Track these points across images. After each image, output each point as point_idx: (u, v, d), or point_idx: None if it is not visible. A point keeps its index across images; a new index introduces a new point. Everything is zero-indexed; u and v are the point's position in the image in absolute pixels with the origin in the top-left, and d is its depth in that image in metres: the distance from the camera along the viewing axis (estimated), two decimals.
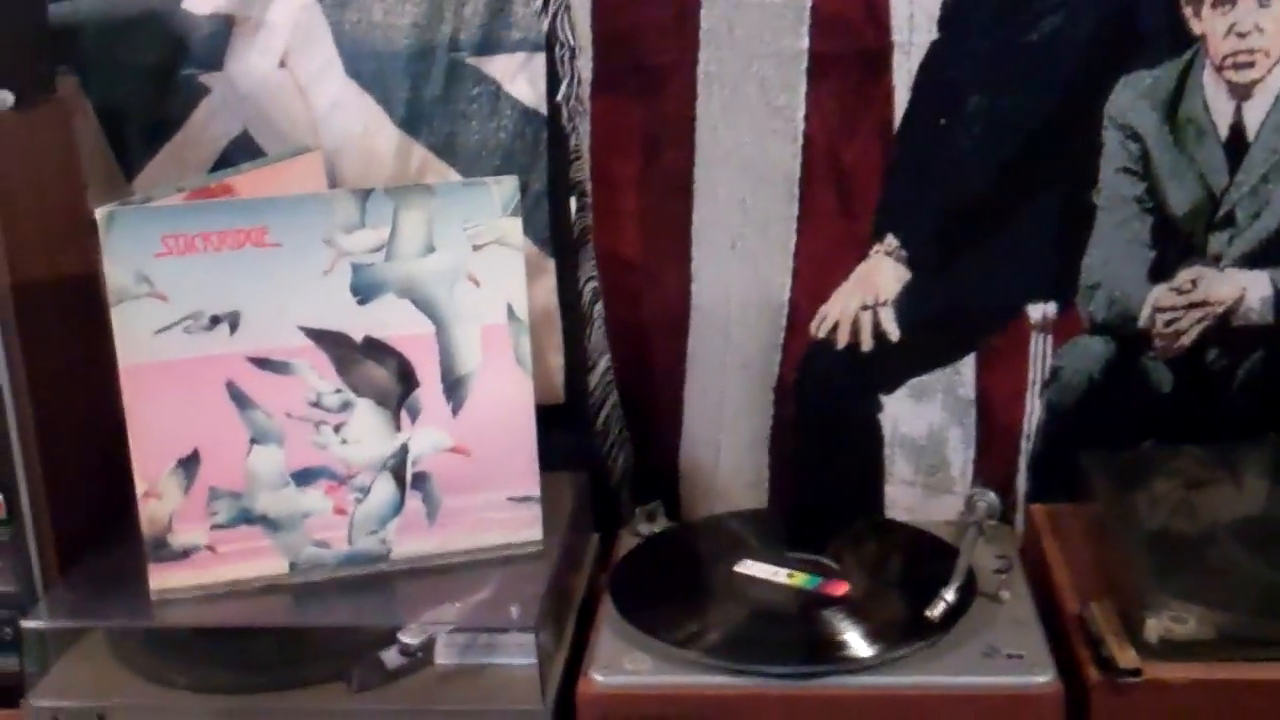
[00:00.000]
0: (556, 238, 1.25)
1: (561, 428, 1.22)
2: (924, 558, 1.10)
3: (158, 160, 1.26)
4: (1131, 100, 1.15)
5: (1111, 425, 1.22)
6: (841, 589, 1.05)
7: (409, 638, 1.01)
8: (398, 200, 1.01)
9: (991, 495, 1.12)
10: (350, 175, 1.25)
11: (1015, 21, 1.15)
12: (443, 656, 1.02)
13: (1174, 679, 0.93)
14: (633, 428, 1.30)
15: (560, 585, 1.07)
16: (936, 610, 0.99)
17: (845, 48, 1.17)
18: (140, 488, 1.02)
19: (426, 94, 1.22)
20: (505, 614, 1.02)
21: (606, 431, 1.30)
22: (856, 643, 0.98)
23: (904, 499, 1.26)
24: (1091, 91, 1.15)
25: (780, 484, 1.28)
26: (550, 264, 1.25)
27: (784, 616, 1.03)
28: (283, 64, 1.24)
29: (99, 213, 0.97)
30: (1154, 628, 0.95)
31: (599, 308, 1.27)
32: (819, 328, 1.23)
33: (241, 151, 1.25)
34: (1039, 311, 1.21)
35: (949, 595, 1.00)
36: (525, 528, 1.08)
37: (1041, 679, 0.94)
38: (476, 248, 1.03)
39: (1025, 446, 1.23)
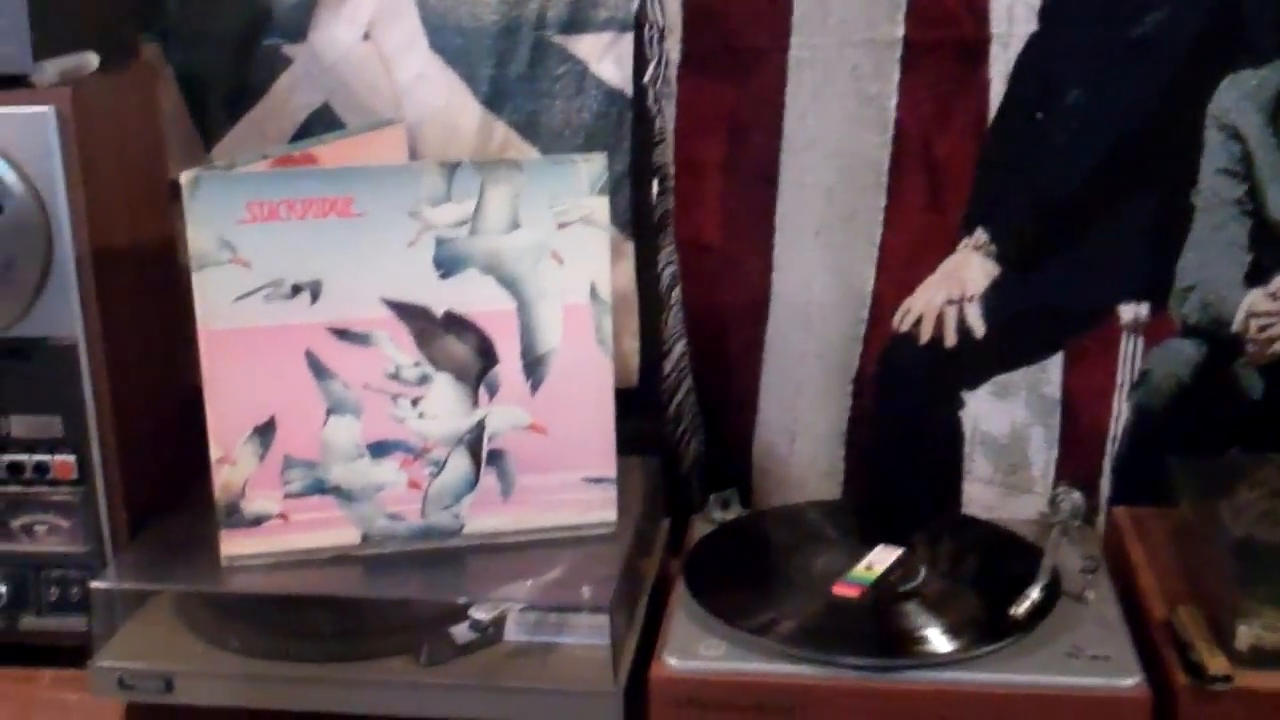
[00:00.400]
0: (637, 221, 1.24)
1: (634, 412, 1.20)
2: (1005, 555, 1.08)
3: (237, 130, 1.26)
4: (1235, 100, 1.12)
5: (1199, 430, 1.19)
6: (922, 584, 1.03)
7: (481, 613, 1.00)
8: (484, 175, 1.00)
9: (1077, 495, 1.09)
10: (431, 150, 1.24)
11: (1119, 15, 1.12)
12: (513, 634, 1.01)
13: (1264, 688, 0.91)
14: (706, 414, 1.28)
15: (633, 568, 1.06)
16: (1021, 608, 0.97)
17: (941, 37, 1.15)
18: (215, 453, 1.02)
19: (511, 71, 1.22)
20: (578, 593, 1.01)
21: (679, 417, 1.28)
22: (936, 638, 0.96)
23: (982, 497, 1.24)
24: (1194, 90, 1.13)
25: (855, 477, 1.26)
26: (629, 247, 1.24)
27: (862, 608, 1.01)
28: (367, 36, 1.23)
29: (184, 177, 0.97)
30: (1245, 635, 0.93)
31: (676, 292, 1.26)
32: (902, 321, 1.21)
33: (322, 123, 1.25)
34: (1131, 312, 1.18)
35: (1034, 593, 0.98)
36: (599, 509, 1.07)
37: (1128, 681, 0.92)
38: (562, 225, 1.02)
39: (1110, 448, 1.21)
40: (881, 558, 1.06)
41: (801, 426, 1.25)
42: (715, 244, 1.23)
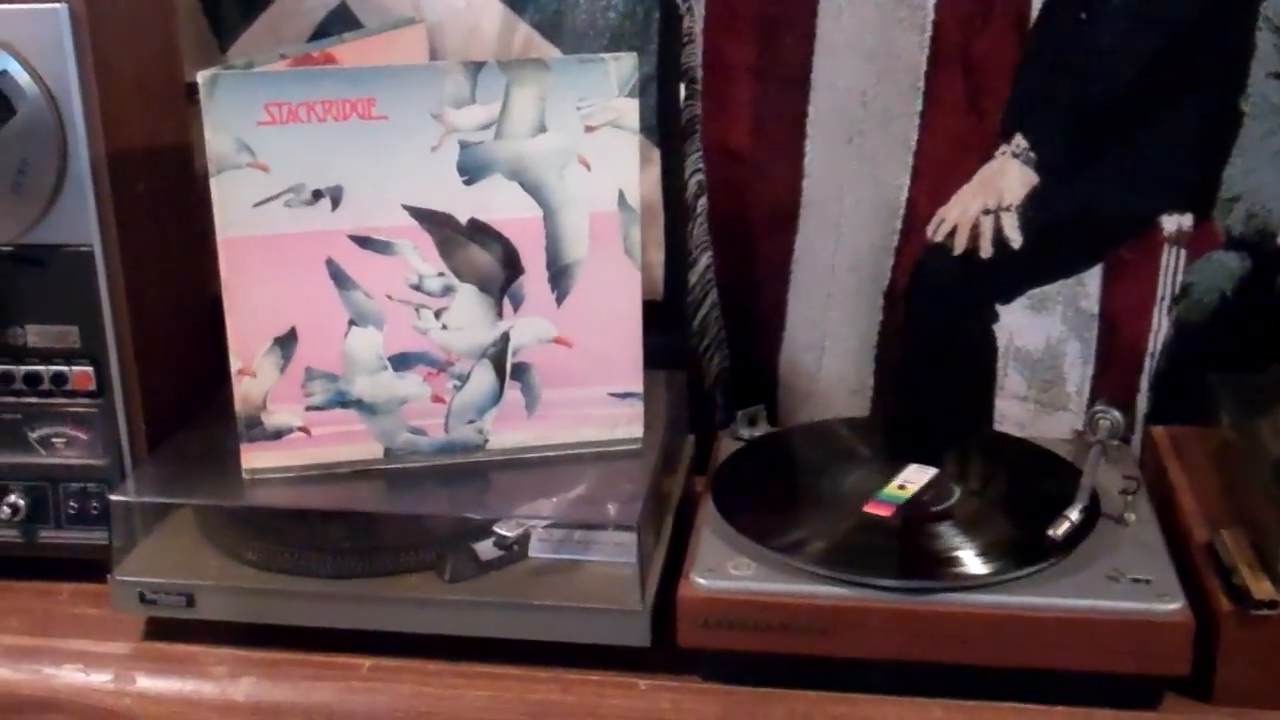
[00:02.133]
0: (663, 126, 1.21)
1: (657, 326, 1.18)
2: (1040, 475, 1.06)
3: (252, 31, 1.24)
4: None
5: (1241, 346, 1.16)
6: (956, 503, 1.01)
7: (505, 530, 0.99)
8: (510, 75, 0.97)
9: (1115, 413, 1.06)
10: (451, 52, 1.21)
11: None
12: (537, 550, 1.00)
13: None
14: (731, 328, 1.26)
15: (659, 485, 1.04)
16: (1060, 530, 0.95)
17: None
18: (235, 364, 1.00)
19: None
20: (604, 510, 1.00)
21: (704, 331, 1.26)
22: (971, 559, 0.94)
23: (1015, 414, 1.22)
24: None
25: (884, 393, 1.24)
26: (655, 154, 1.21)
27: (894, 528, 0.99)
28: None
29: (201, 77, 0.94)
30: None
31: (703, 202, 1.23)
32: (936, 231, 1.18)
33: (339, 23, 1.22)
34: (1174, 223, 1.15)
35: (1073, 514, 0.96)
36: (625, 424, 1.05)
37: (1171, 606, 0.90)
38: (590, 129, 0.99)
39: (1149, 365, 1.18)
40: (914, 477, 1.04)
41: (830, 341, 1.23)
42: (744, 151, 1.20)
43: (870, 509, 1.00)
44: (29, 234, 1.02)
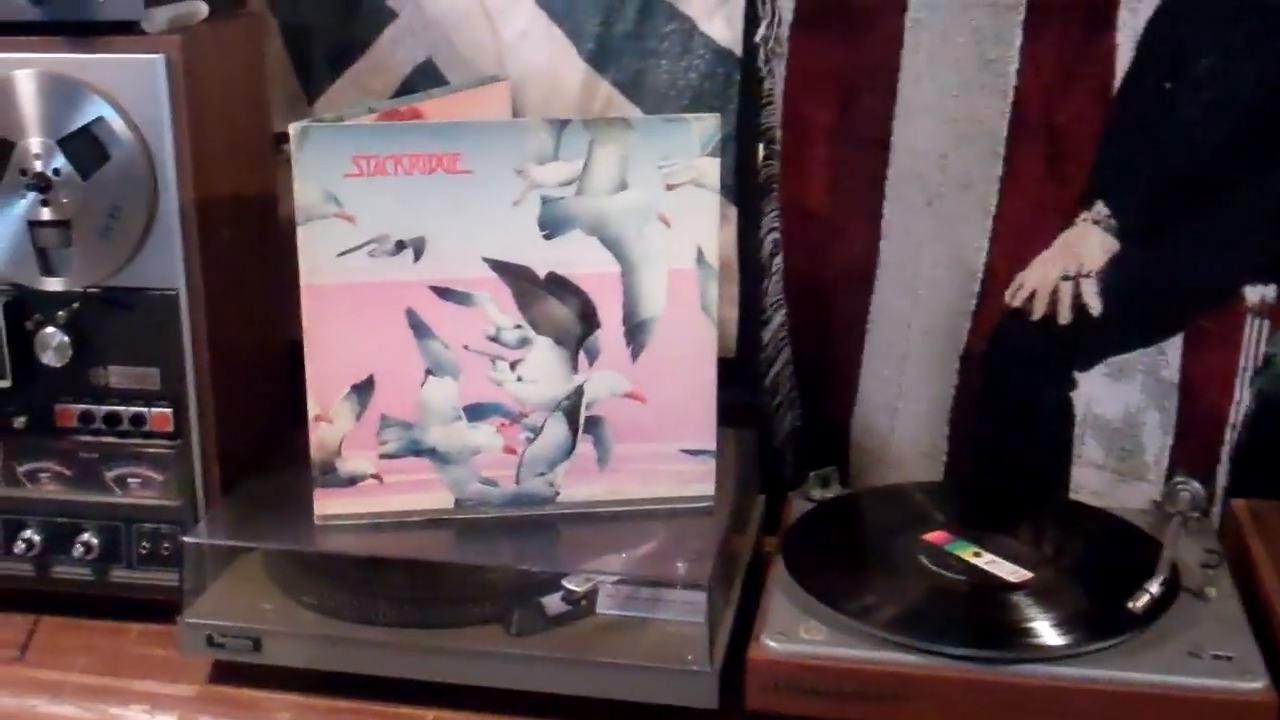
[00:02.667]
0: (740, 185, 1.21)
1: (730, 382, 1.17)
2: (1118, 546, 1.05)
3: (340, 84, 1.25)
4: None
5: None
6: (1032, 572, 0.99)
7: (573, 584, 0.99)
8: (594, 133, 0.98)
9: (1196, 485, 1.04)
10: (533, 109, 1.22)
11: None
12: (605, 607, 1.00)
13: None
14: (804, 388, 1.25)
15: (730, 544, 1.04)
16: (1140, 602, 0.93)
17: (1067, 0, 1.10)
18: (312, 410, 1.01)
19: (617, 29, 1.19)
20: (674, 568, 1.00)
21: (776, 389, 1.25)
22: (1047, 630, 0.93)
23: (1091, 483, 1.19)
24: None
25: (958, 458, 1.22)
26: (732, 211, 1.21)
27: (969, 596, 0.98)
28: None
29: (293, 128, 0.95)
30: None
31: (778, 260, 1.22)
32: (1015, 296, 1.17)
33: (425, 79, 1.23)
34: (1257, 294, 1.13)
35: (1153, 587, 0.94)
36: (697, 481, 1.05)
37: (1255, 684, 0.88)
38: (670, 187, 0.99)
39: (1229, 436, 1.16)
40: (989, 543, 1.03)
41: (904, 403, 1.22)
42: (821, 210, 1.20)
43: (943, 575, 0.99)
44: (116, 277, 1.04)
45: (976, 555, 1.01)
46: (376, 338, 0.99)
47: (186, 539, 1.02)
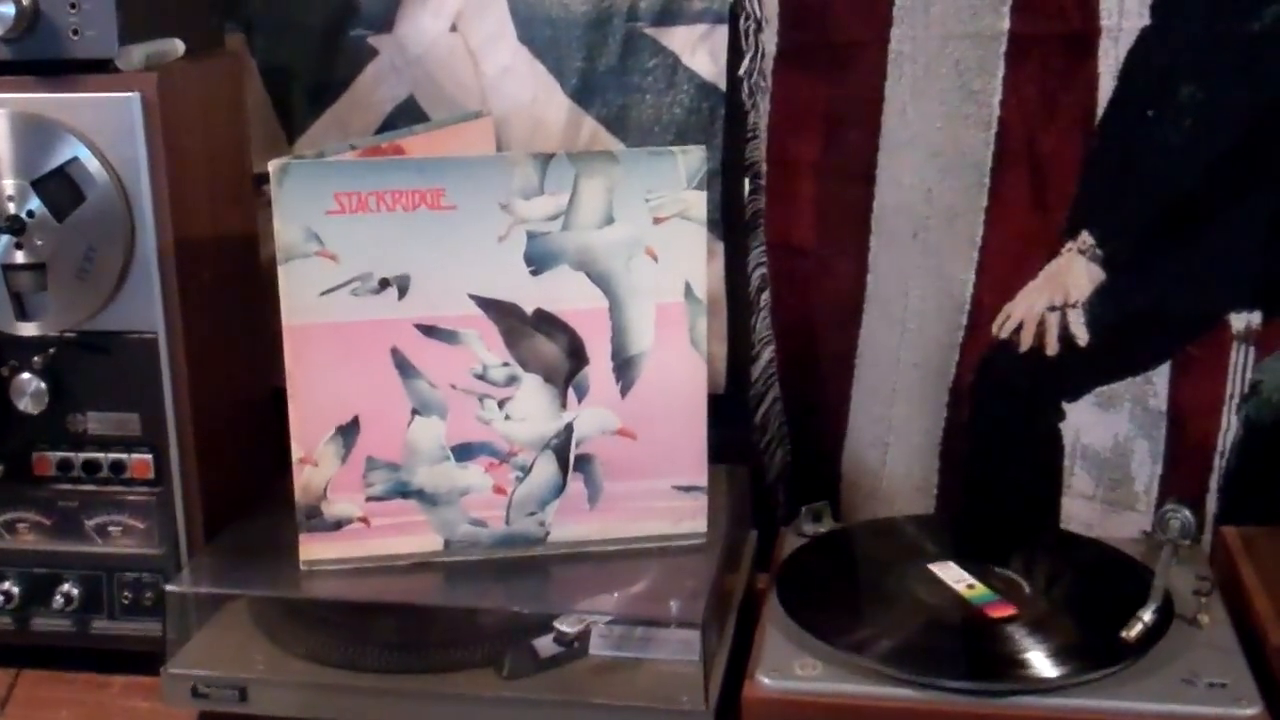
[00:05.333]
0: (727, 220, 1.21)
1: (719, 419, 1.16)
2: (1110, 575, 1.04)
3: (321, 122, 1.24)
4: None
5: None
6: (1025, 604, 0.99)
7: (566, 626, 0.97)
8: (579, 167, 0.97)
9: (1186, 512, 1.03)
10: (516, 144, 1.22)
11: (1235, 9, 1.07)
12: (598, 647, 0.98)
13: None
14: (793, 423, 1.25)
15: (722, 581, 1.02)
16: (1133, 631, 0.93)
17: (1048, 30, 1.10)
18: (296, 453, 0.99)
19: (600, 64, 1.19)
20: (667, 607, 0.98)
21: (766, 426, 1.25)
22: (1041, 661, 0.92)
23: (1081, 513, 1.19)
24: None
25: (949, 490, 1.22)
26: (719, 247, 1.21)
27: (964, 629, 0.97)
28: (454, 28, 1.21)
29: (273, 165, 0.94)
30: None
31: (766, 295, 1.22)
32: (1002, 327, 1.17)
33: (406, 117, 1.23)
34: (1242, 321, 1.13)
35: (1146, 616, 0.94)
36: (689, 518, 1.04)
37: (1250, 711, 0.87)
38: (657, 220, 0.98)
39: (1218, 464, 1.16)
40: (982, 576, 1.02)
41: (894, 437, 1.22)
42: (807, 245, 1.20)
43: (937, 608, 0.98)
44: (93, 320, 1.03)
45: (970, 588, 1.00)
46: (361, 378, 0.98)
47: (169, 587, 1.01)
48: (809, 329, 1.22)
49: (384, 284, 0.97)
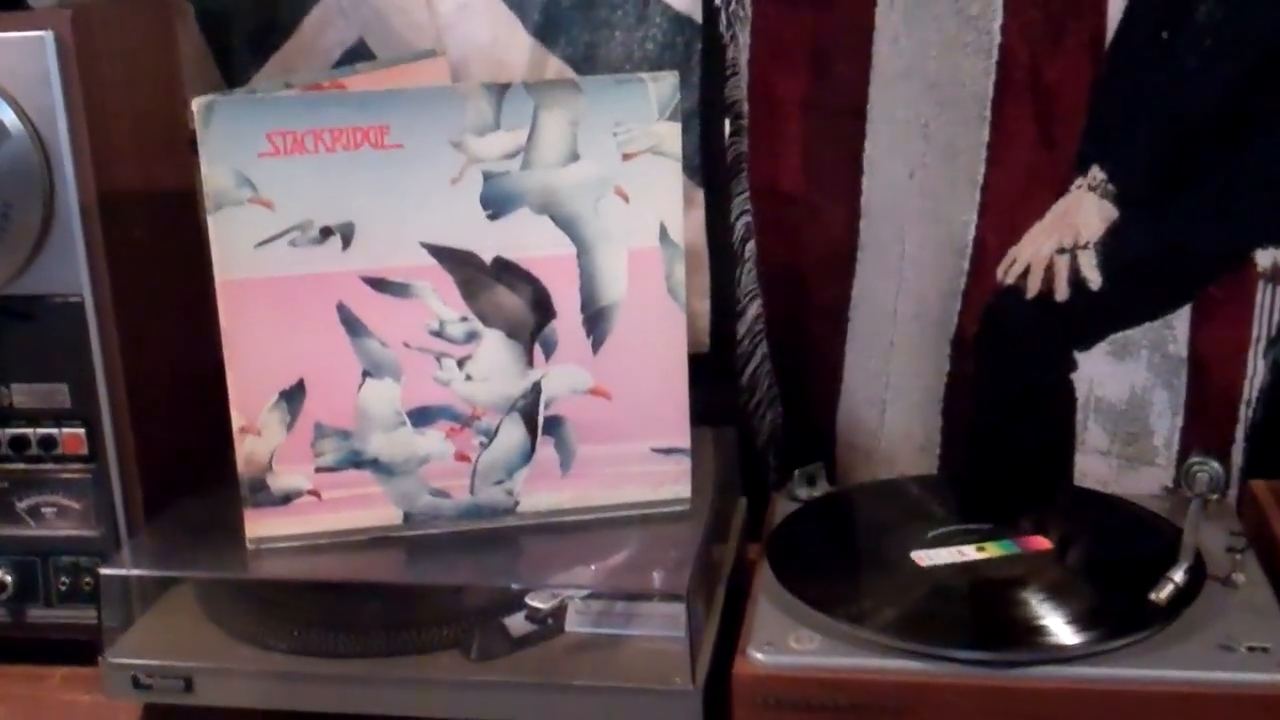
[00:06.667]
0: (707, 165, 1.16)
1: (703, 380, 1.11)
2: (1134, 534, 0.99)
3: (264, 71, 1.21)
4: None
5: None
6: (1040, 567, 0.93)
7: (538, 602, 0.94)
8: (538, 98, 0.91)
9: (1215, 465, 0.97)
10: None
11: None
12: (574, 624, 0.95)
13: None
14: (784, 382, 1.21)
15: (709, 550, 0.98)
16: (1163, 593, 0.87)
17: None
18: (237, 422, 0.94)
19: None
20: (649, 579, 0.94)
21: (754, 386, 1.22)
22: (1061, 628, 0.86)
23: (1096, 470, 1.15)
24: None
25: (953, 450, 1.18)
26: (699, 195, 1.16)
27: (974, 595, 0.91)
28: None
29: (196, 103, 0.88)
30: None
31: (751, 246, 1.18)
32: (1007, 272, 1.13)
33: (357, 62, 1.17)
34: (1269, 258, 1.08)
35: (1177, 576, 0.88)
36: (671, 483, 0.98)
37: None
38: (627, 156, 0.92)
39: (1244, 413, 1.11)
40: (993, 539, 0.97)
41: (893, 394, 1.18)
42: (795, 190, 1.15)
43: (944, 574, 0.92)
44: (13, 284, 0.98)
45: (980, 550, 0.95)
46: (304, 337, 0.92)
47: (105, 570, 0.96)
48: (798, 280, 1.18)
49: (326, 233, 0.91)
